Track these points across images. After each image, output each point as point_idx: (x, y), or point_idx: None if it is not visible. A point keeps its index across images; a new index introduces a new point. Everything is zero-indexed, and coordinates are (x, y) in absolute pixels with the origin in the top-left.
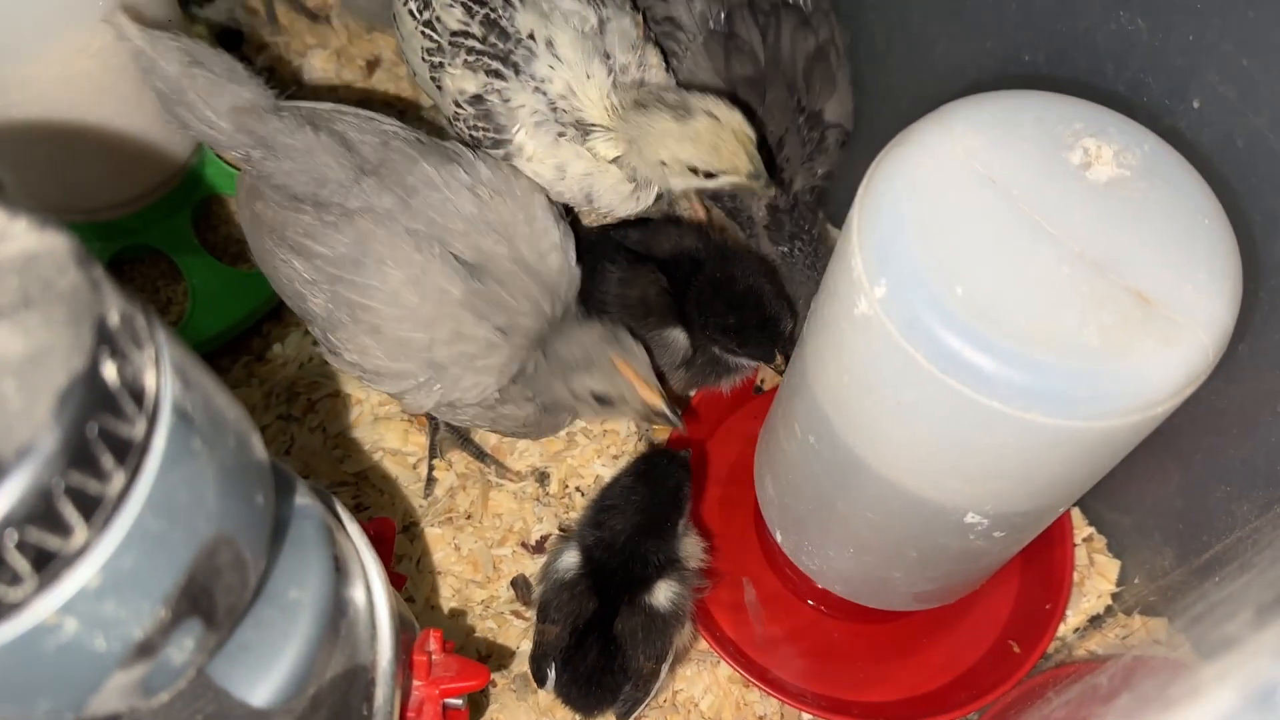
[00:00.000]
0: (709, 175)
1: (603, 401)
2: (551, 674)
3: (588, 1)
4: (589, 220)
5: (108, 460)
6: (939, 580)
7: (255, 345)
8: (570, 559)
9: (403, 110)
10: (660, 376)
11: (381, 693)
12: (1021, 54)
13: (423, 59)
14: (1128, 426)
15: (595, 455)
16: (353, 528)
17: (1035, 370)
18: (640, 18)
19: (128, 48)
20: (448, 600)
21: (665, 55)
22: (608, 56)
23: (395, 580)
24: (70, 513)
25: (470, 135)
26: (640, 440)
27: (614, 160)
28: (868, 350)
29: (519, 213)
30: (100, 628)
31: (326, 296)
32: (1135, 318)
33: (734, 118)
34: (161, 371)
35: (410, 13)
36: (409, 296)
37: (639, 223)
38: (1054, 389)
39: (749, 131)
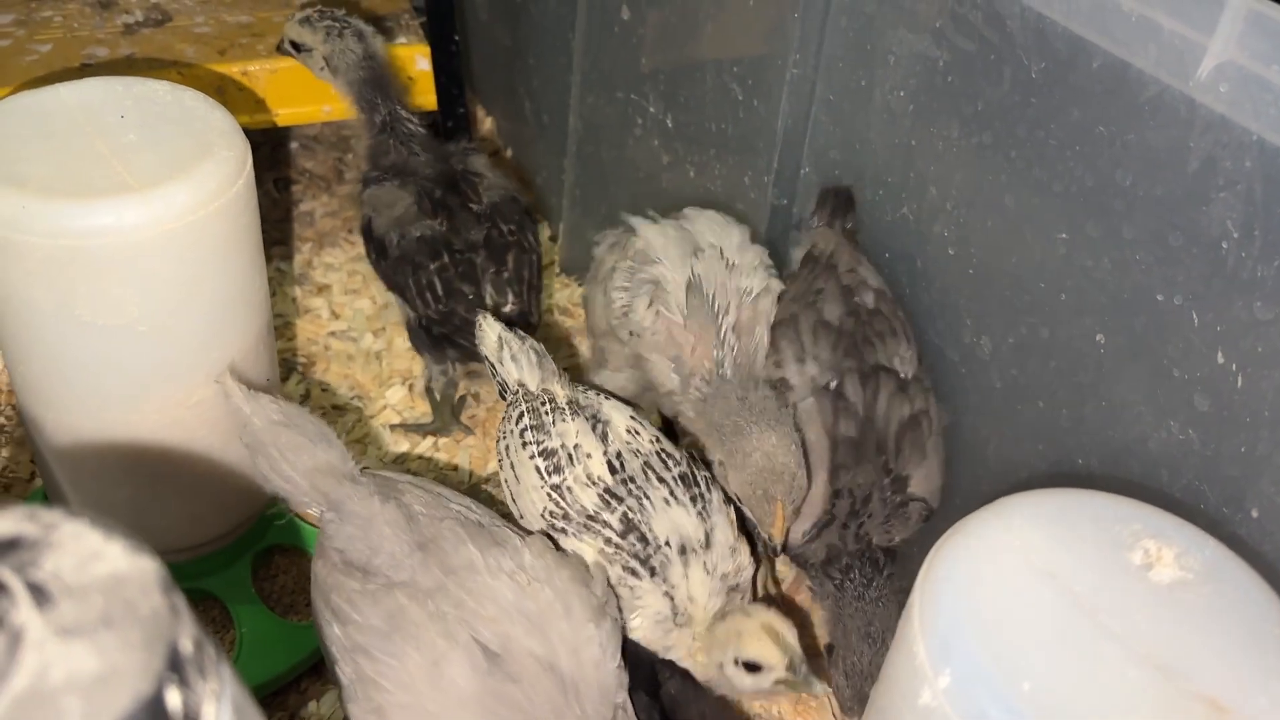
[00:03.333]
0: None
1: None
2: None
3: (698, 515)
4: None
5: None
6: None
7: (291, 701)
8: None
9: (474, 485)
10: None
11: None
12: (1074, 457)
13: (541, 515)
14: None
15: None
16: None
17: None
18: (733, 512)
19: (230, 404)
20: None
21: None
22: (722, 578)
23: None
24: None
25: None
26: None
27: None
28: None
29: (556, 603)
30: None
31: (352, 667)
32: None
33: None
34: (221, 708)
35: (537, 469)
36: (420, 683)
37: (688, 680)
38: None
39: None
